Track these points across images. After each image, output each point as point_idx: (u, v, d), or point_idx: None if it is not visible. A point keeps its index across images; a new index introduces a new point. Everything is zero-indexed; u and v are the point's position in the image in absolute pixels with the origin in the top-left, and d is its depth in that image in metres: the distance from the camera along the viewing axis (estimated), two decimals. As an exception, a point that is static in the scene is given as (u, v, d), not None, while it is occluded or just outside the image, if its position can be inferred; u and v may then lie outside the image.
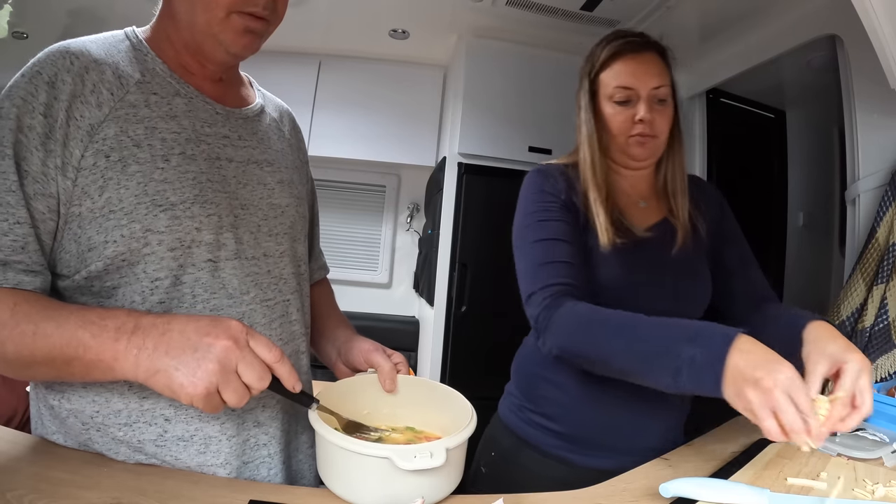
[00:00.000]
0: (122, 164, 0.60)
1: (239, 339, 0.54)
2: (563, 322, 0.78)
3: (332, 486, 0.61)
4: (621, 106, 0.91)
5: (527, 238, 0.89)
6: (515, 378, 1.02)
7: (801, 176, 2.54)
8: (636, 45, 0.91)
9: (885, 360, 1.14)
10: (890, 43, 0.95)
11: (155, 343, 0.54)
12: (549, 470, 0.91)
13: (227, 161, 0.69)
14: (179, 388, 0.52)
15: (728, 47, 1.91)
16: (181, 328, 0.54)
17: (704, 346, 0.63)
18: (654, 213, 0.97)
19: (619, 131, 0.92)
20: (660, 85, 0.90)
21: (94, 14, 2.24)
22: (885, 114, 1.35)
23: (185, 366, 0.52)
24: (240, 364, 0.54)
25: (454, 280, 2.31)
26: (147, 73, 0.65)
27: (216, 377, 0.52)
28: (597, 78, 0.94)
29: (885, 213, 1.23)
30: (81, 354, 0.54)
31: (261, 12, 0.64)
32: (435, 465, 0.55)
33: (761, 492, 0.62)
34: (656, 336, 0.69)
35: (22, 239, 0.56)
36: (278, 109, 0.84)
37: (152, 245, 0.60)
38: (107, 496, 0.54)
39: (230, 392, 0.53)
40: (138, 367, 0.53)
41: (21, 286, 0.57)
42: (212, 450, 0.64)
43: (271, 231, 0.72)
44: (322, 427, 0.59)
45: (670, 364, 0.65)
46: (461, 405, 0.69)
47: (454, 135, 2.37)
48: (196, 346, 0.53)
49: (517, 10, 2.11)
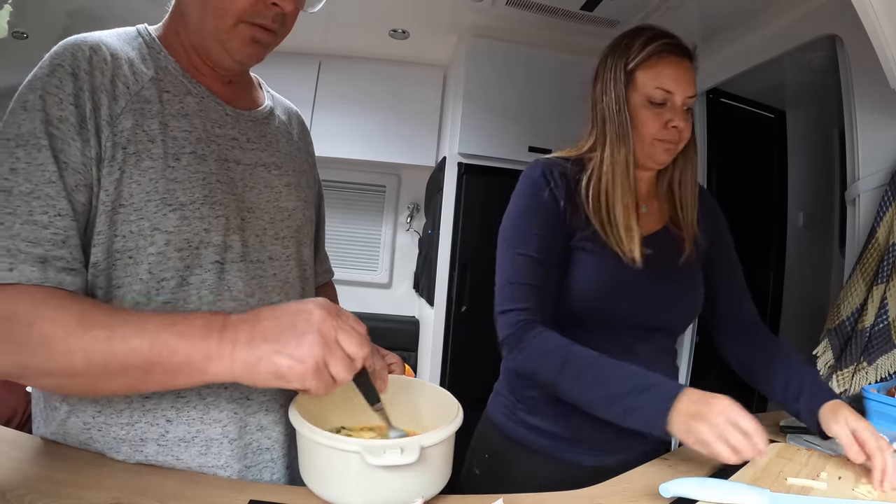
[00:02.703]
0: (137, 158, 0.59)
1: (331, 309, 0.53)
2: (529, 351, 0.83)
3: (310, 485, 0.59)
4: (657, 108, 0.88)
5: (512, 245, 0.89)
6: (505, 378, 1.01)
7: (801, 176, 2.54)
8: (680, 49, 0.89)
9: (885, 360, 1.14)
10: (890, 43, 0.95)
11: (249, 335, 0.51)
12: (543, 469, 0.90)
13: (235, 163, 0.69)
14: (288, 371, 0.50)
15: (728, 47, 1.91)
16: (270, 315, 0.53)
17: (653, 395, 0.73)
18: (655, 218, 0.97)
19: (649, 134, 0.89)
20: (694, 94, 0.89)
21: (92, 14, 2.25)
22: (885, 114, 1.35)
23: (287, 346, 0.50)
24: (339, 333, 0.52)
25: (454, 280, 2.31)
26: (160, 71, 0.65)
27: (321, 349, 0.50)
28: (633, 73, 0.89)
29: (885, 213, 1.23)
30: (166, 358, 0.50)
31: (270, 24, 0.65)
32: (406, 462, 0.52)
33: (761, 492, 0.62)
34: (609, 386, 0.77)
35: (63, 232, 0.55)
36: (287, 111, 0.84)
37: (159, 244, 0.60)
38: (107, 496, 0.54)
39: (337, 363, 0.51)
40: (235, 361, 0.51)
41: (63, 286, 0.54)
42: (213, 451, 0.64)
43: (277, 234, 0.72)
44: (299, 422, 0.58)
45: (619, 408, 0.75)
46: (449, 404, 0.68)
47: (454, 135, 2.37)
48: (293, 323, 0.51)
49: (517, 10, 2.11)
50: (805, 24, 1.57)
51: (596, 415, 0.79)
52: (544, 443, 0.91)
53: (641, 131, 0.89)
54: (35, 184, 0.54)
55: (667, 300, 0.92)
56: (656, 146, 0.90)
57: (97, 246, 0.59)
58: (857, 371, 1.17)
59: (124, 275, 0.60)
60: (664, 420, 0.70)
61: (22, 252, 0.52)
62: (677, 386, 0.74)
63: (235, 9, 0.62)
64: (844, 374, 1.19)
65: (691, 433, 0.67)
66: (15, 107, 0.56)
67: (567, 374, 0.79)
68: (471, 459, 1.01)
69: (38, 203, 0.54)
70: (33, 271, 0.52)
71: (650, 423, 0.72)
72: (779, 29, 1.68)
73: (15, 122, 0.55)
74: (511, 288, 0.88)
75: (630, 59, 0.89)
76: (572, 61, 2.38)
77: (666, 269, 0.92)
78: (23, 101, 0.56)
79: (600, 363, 0.79)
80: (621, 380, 0.77)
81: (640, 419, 0.74)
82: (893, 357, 1.13)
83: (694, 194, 0.97)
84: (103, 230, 0.59)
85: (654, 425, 0.71)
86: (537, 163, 0.94)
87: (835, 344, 1.25)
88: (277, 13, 0.64)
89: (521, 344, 0.84)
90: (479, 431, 1.02)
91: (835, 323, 1.26)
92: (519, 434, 0.94)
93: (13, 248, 0.52)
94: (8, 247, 0.52)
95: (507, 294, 0.88)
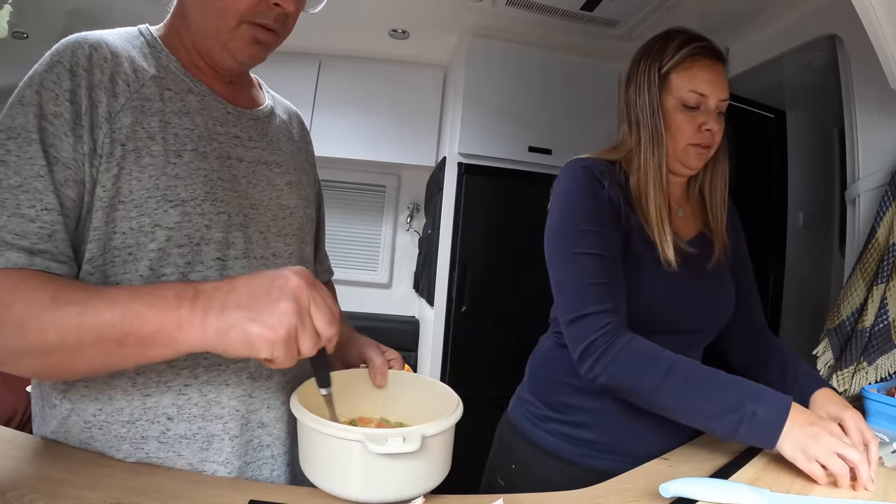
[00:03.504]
0: (136, 155, 0.60)
1: (308, 278, 0.53)
2: (623, 357, 0.77)
3: (310, 476, 0.59)
4: (691, 112, 0.88)
5: (571, 246, 0.83)
6: (532, 383, 0.98)
7: (801, 176, 2.54)
8: (714, 52, 0.89)
9: (885, 360, 1.14)
10: (890, 43, 0.95)
11: (222, 302, 0.50)
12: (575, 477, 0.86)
13: (237, 160, 0.69)
14: (258, 338, 0.49)
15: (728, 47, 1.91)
16: (246, 282, 0.52)
17: (765, 405, 0.71)
18: (692, 223, 0.97)
19: (683, 137, 0.88)
20: (727, 97, 0.89)
21: (92, 14, 2.25)
22: (885, 114, 1.35)
23: (260, 313, 0.50)
24: (311, 304, 0.52)
25: (454, 280, 2.31)
26: (162, 69, 0.65)
27: (294, 318, 0.50)
28: (667, 76, 0.89)
29: (885, 213, 1.23)
30: (138, 328, 0.49)
31: (272, 24, 0.65)
32: (408, 450, 0.52)
33: (761, 492, 0.61)
34: (719, 391, 0.74)
35: (49, 226, 0.55)
36: (287, 111, 0.85)
37: (160, 240, 0.60)
38: (107, 496, 0.54)
39: (306, 337, 0.51)
40: (206, 329, 0.50)
41: (50, 271, 0.54)
42: (214, 448, 0.64)
43: (280, 232, 0.73)
44: (300, 411, 0.57)
45: (732, 417, 0.71)
46: (449, 398, 0.68)
47: (454, 135, 2.37)
48: (269, 289, 0.51)
49: (517, 10, 2.11)
50: (805, 24, 1.57)
51: (690, 424, 0.77)
52: (578, 451, 0.89)
53: (676, 135, 0.89)
54: (24, 177, 0.54)
55: (705, 303, 0.92)
56: (689, 151, 0.89)
57: (93, 242, 0.59)
58: (857, 371, 1.17)
59: (122, 271, 0.60)
60: (778, 432, 0.69)
61: (8, 243, 0.52)
62: (785, 398, 0.72)
63: (237, 9, 0.62)
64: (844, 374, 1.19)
65: (805, 452, 0.67)
66: (13, 101, 0.57)
67: (671, 382, 0.75)
68: (492, 471, 0.98)
69: (25, 196, 0.54)
70: (20, 257, 0.52)
71: (764, 432, 0.70)
72: (779, 29, 1.68)
73: (10, 116, 0.56)
74: (588, 289, 0.81)
75: (664, 62, 0.89)
76: (572, 61, 2.38)
77: (704, 273, 0.92)
78: (20, 96, 0.56)
79: (702, 371, 0.76)
80: (730, 390, 0.73)
81: (752, 430, 0.70)
82: (893, 357, 1.13)
83: (724, 199, 0.97)
84: (100, 226, 0.59)
85: (768, 437, 0.70)
86: (580, 161, 0.90)
87: (835, 344, 1.25)
88: (279, 13, 0.65)
89: (613, 349, 0.77)
90: (500, 439, 0.99)
91: (835, 323, 1.26)
92: (547, 442, 0.91)
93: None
94: None
95: (582, 297, 0.81)
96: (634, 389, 0.78)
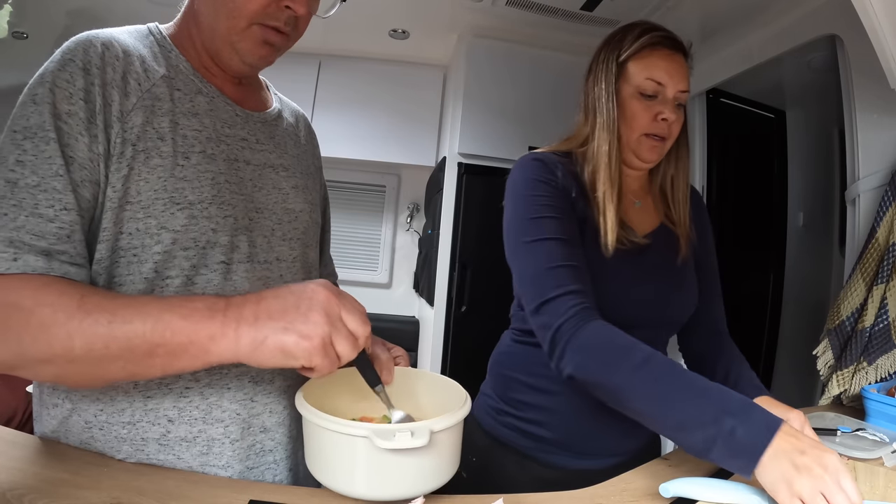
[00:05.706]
0: (146, 156, 0.59)
1: (333, 289, 0.54)
2: (592, 346, 0.72)
3: (315, 474, 0.58)
4: (648, 101, 0.86)
5: (528, 235, 0.81)
6: (491, 378, 0.99)
7: (801, 176, 2.54)
8: (673, 42, 0.88)
9: (885, 360, 1.14)
10: (890, 43, 0.95)
11: (254, 313, 0.51)
12: (529, 471, 0.89)
13: (244, 163, 0.69)
14: (295, 347, 0.50)
15: (728, 47, 1.91)
16: (275, 294, 0.53)
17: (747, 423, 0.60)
18: (650, 215, 0.96)
19: (637, 126, 0.87)
20: (686, 89, 0.87)
21: (93, 14, 2.25)
22: (885, 114, 1.35)
23: (293, 323, 0.51)
24: (342, 311, 0.53)
25: (454, 280, 2.31)
26: (171, 69, 0.65)
27: (327, 326, 0.51)
28: (624, 65, 0.88)
29: (885, 213, 1.23)
30: (169, 339, 0.50)
31: (283, 27, 0.65)
32: (416, 445, 0.52)
33: (761, 492, 0.61)
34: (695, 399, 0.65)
35: (69, 227, 0.54)
36: (294, 114, 0.85)
37: (165, 243, 0.60)
38: (107, 496, 0.54)
39: (342, 340, 0.52)
40: (240, 340, 0.50)
41: (68, 277, 0.54)
42: (214, 451, 0.64)
43: (285, 236, 0.72)
44: (306, 408, 0.57)
45: (706, 432, 0.61)
46: (457, 394, 0.67)
47: (454, 135, 2.37)
48: (297, 303, 0.52)
49: (517, 10, 2.11)
50: (805, 24, 1.57)
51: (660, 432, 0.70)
52: (531, 445, 0.90)
53: (631, 123, 0.87)
54: (42, 177, 0.54)
55: (664, 297, 0.91)
56: (643, 142, 0.87)
57: (102, 242, 0.59)
58: (857, 371, 1.17)
59: (126, 272, 0.60)
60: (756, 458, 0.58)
61: (26, 244, 0.52)
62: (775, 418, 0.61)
63: (248, 10, 0.62)
64: (844, 374, 1.19)
65: (790, 485, 0.55)
66: (24, 99, 0.56)
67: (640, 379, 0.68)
68: None
69: (44, 196, 0.53)
70: (38, 261, 0.52)
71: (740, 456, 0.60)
72: (779, 29, 1.68)
73: (24, 115, 0.55)
74: (548, 273, 0.77)
75: (622, 50, 0.88)
76: (572, 61, 2.37)
77: (664, 266, 0.92)
78: (32, 94, 0.56)
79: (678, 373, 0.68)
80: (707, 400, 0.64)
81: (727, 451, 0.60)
82: (893, 357, 1.13)
83: (686, 194, 0.96)
84: (109, 227, 0.58)
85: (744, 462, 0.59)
86: (532, 155, 0.90)
87: (835, 344, 1.25)
88: (290, 16, 0.65)
89: (580, 336, 0.72)
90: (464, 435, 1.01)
91: (835, 323, 1.26)
92: (505, 435, 0.92)
93: (17, 239, 0.52)
94: (12, 238, 0.51)
95: (544, 282, 0.77)
96: (600, 384, 0.71)
